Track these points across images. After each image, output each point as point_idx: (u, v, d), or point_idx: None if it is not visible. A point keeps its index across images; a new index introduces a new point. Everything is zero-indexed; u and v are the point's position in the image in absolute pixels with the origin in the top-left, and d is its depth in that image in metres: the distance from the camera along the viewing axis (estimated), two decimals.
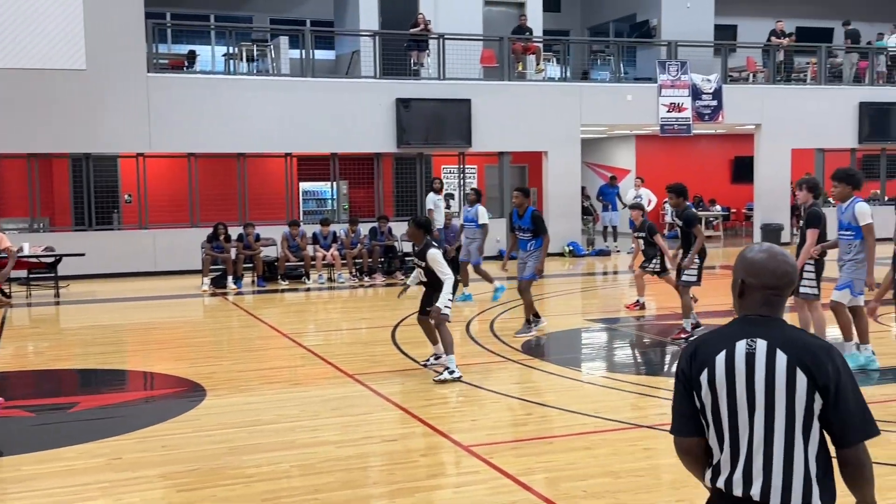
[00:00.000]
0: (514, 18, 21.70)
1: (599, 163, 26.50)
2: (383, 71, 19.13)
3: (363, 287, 16.11)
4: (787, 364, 2.54)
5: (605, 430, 6.62)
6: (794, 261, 2.79)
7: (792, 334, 2.62)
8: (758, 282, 2.67)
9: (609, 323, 11.68)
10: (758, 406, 2.57)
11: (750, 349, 2.59)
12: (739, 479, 2.58)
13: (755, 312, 2.67)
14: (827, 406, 2.53)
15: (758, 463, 2.56)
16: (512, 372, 8.91)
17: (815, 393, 2.52)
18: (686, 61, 21.29)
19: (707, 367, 2.62)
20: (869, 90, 22.71)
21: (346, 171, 19.52)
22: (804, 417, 2.54)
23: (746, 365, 2.58)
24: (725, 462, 2.62)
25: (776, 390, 2.55)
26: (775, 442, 2.55)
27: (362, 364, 9.20)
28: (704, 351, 2.66)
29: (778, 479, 2.54)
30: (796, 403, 2.53)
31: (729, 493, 2.60)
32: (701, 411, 2.66)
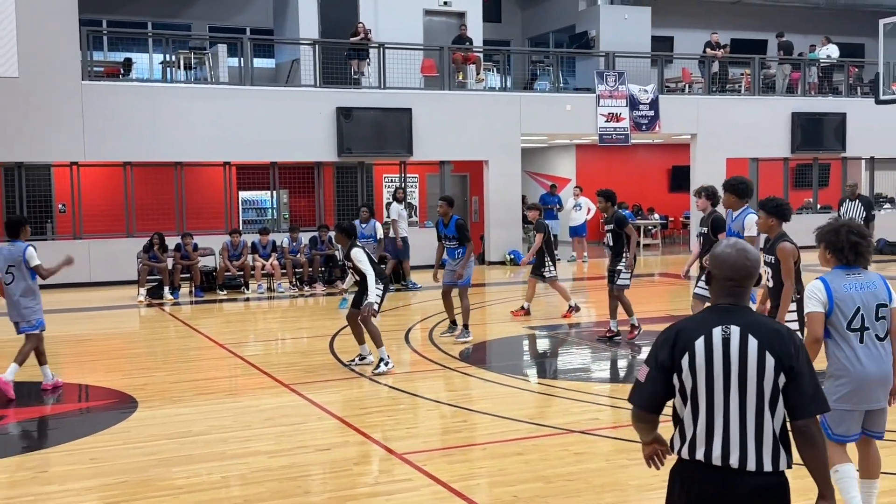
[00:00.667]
0: (454, 28, 21.83)
1: (540, 172, 26.75)
2: (323, 80, 19.08)
3: (303, 296, 16.02)
4: (757, 347, 2.92)
5: (537, 436, 6.69)
6: (757, 256, 3.08)
7: (759, 321, 3.00)
8: (720, 274, 3.05)
9: (547, 330, 11.78)
10: (733, 385, 2.93)
11: (725, 334, 2.95)
12: (718, 451, 2.93)
13: (723, 301, 3.03)
14: (789, 383, 2.92)
15: (734, 435, 2.92)
16: (449, 380, 8.95)
17: (781, 372, 2.92)
18: (624, 72, 21.63)
19: (688, 351, 2.97)
20: (801, 101, 23.30)
21: (286, 180, 19.40)
22: (771, 394, 2.92)
23: (723, 349, 2.94)
24: (701, 436, 2.97)
25: (748, 371, 2.92)
26: (748, 416, 2.92)
27: (299, 374, 9.15)
28: (684, 337, 2.99)
29: (752, 447, 2.91)
30: (765, 382, 2.91)
31: (708, 463, 2.94)
32: (680, 392, 3.00)
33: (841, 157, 23.50)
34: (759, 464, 2.92)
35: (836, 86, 24.31)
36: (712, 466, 2.95)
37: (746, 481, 2.92)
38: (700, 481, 2.98)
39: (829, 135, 23.13)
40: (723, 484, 2.93)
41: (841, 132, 23.13)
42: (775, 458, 2.93)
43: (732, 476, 2.93)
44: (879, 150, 23.59)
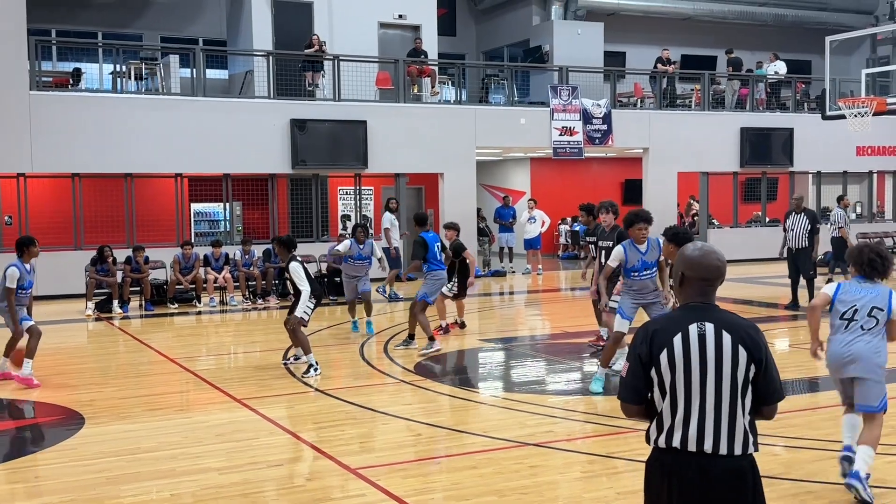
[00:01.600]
0: (409, 41, 21.85)
1: (495, 184, 26.86)
2: (277, 91, 18.97)
3: (256, 310, 15.85)
4: (731, 342, 3.16)
5: (492, 449, 6.67)
6: (724, 259, 3.30)
7: (730, 318, 3.23)
8: (694, 274, 3.27)
9: (503, 343, 11.79)
10: (709, 377, 3.16)
11: (701, 331, 3.18)
12: (694, 437, 3.16)
13: (695, 300, 3.26)
14: (758, 374, 3.18)
15: (709, 423, 3.16)
16: (404, 393, 8.90)
17: (752, 364, 3.17)
18: (577, 86, 21.83)
19: (666, 347, 3.18)
20: (750, 116, 23.73)
21: (239, 192, 19.21)
22: (743, 384, 3.17)
23: (699, 344, 3.16)
24: (679, 425, 3.19)
25: (724, 363, 3.15)
26: (723, 405, 3.15)
27: (252, 388, 9.03)
28: (661, 334, 3.21)
29: (725, 433, 3.15)
30: (739, 373, 3.16)
31: (685, 449, 3.17)
32: (659, 385, 3.21)
33: (789, 172, 23.95)
34: (731, 448, 3.15)
35: (783, 101, 24.81)
36: (688, 452, 3.17)
37: (720, 464, 3.16)
38: (677, 466, 3.20)
39: (777, 149, 23.58)
40: (698, 467, 3.16)
41: (788, 147, 23.59)
42: (745, 442, 3.18)
43: (707, 460, 3.16)
44: (826, 165, 24.10)
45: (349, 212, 20.57)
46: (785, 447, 6.65)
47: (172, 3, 23.30)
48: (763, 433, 6.87)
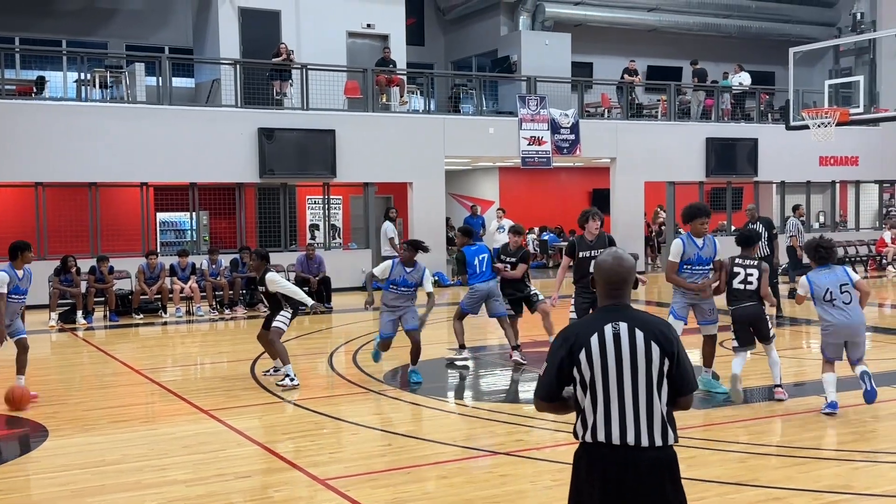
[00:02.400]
0: (377, 51, 21.84)
1: (464, 194, 26.90)
2: (245, 100, 18.85)
3: (224, 320, 15.70)
4: (644, 339, 3.33)
5: (462, 459, 6.65)
6: (631, 263, 3.50)
7: (641, 316, 3.42)
8: (602, 278, 3.49)
9: (473, 352, 11.76)
10: (625, 373, 3.32)
11: (615, 330, 3.35)
12: (617, 431, 3.30)
13: (607, 302, 3.46)
14: (672, 367, 3.35)
15: (630, 416, 3.30)
16: (372, 403, 8.85)
17: (665, 358, 3.34)
18: (545, 96, 21.95)
19: (584, 346, 3.35)
20: (715, 126, 23.98)
21: (206, 201, 19.04)
22: (658, 378, 3.33)
23: (614, 343, 3.33)
24: (601, 420, 3.33)
25: (638, 360, 3.32)
26: (640, 399, 3.31)
27: (219, 399, 8.93)
28: (579, 336, 3.38)
29: (644, 426, 3.30)
30: (653, 368, 3.32)
31: (609, 443, 3.30)
32: (580, 383, 3.37)
33: (753, 181, 24.23)
34: (652, 439, 3.30)
35: (748, 112, 25.12)
36: (613, 445, 3.31)
37: (643, 456, 3.30)
38: (603, 460, 3.33)
39: (741, 159, 23.85)
40: (623, 460, 3.30)
41: (753, 157, 23.87)
42: (664, 433, 3.33)
43: (631, 452, 3.30)
44: (789, 175, 24.42)
45: (317, 221, 20.47)
46: (750, 454, 6.69)
47: (138, 10, 23.11)
48: (727, 439, 6.94)
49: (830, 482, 5.91)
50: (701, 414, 7.87)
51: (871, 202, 26.66)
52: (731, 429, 7.41)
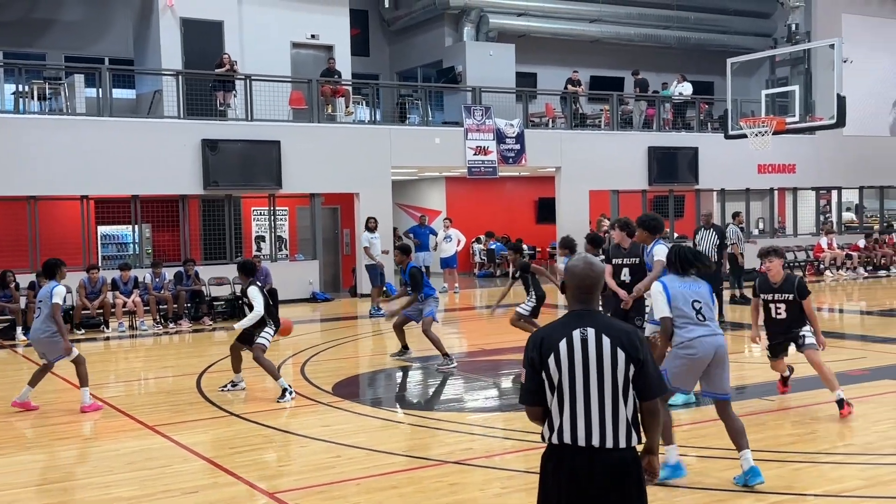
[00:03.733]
0: (322, 61, 21.78)
1: (411, 204, 26.92)
2: (188, 111, 18.64)
3: (168, 334, 15.47)
4: (610, 345, 3.46)
5: (412, 469, 6.65)
6: (601, 269, 3.64)
7: (609, 322, 3.56)
8: (572, 283, 3.61)
9: (422, 362, 11.77)
10: (592, 377, 3.44)
11: (583, 336, 3.47)
12: (582, 432, 3.43)
13: (577, 307, 3.58)
14: (637, 373, 3.47)
15: (595, 419, 3.44)
16: (322, 414, 8.80)
17: (631, 364, 3.46)
18: (490, 106, 22.10)
19: (553, 351, 3.47)
20: (656, 135, 24.38)
21: (149, 214, 18.74)
22: (623, 383, 3.46)
23: (582, 348, 3.46)
24: (567, 422, 3.45)
25: (604, 364, 3.44)
26: (606, 403, 3.44)
27: (164, 414, 8.80)
28: (549, 340, 3.50)
29: (609, 429, 3.43)
30: (619, 373, 3.45)
31: (575, 445, 3.44)
32: (549, 386, 3.49)
33: (694, 189, 24.68)
34: (616, 441, 3.44)
35: (688, 121, 25.59)
36: (578, 447, 3.44)
37: (607, 457, 3.44)
38: (569, 460, 3.46)
39: (683, 168, 24.27)
40: (588, 461, 3.43)
41: (694, 165, 24.31)
42: (628, 436, 3.47)
43: (596, 453, 3.44)
44: (729, 183, 24.92)
45: (263, 233, 20.31)
46: (697, 457, 6.81)
47: (77, 21, 22.73)
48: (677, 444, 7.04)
49: (772, 483, 6.04)
50: None
51: (809, 209, 27.33)
52: (676, 432, 7.52)
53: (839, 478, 6.22)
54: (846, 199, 28.57)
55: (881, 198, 28.50)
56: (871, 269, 23.64)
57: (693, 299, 6.05)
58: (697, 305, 6.04)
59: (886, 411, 8.22)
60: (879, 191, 28.38)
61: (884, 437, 7.28)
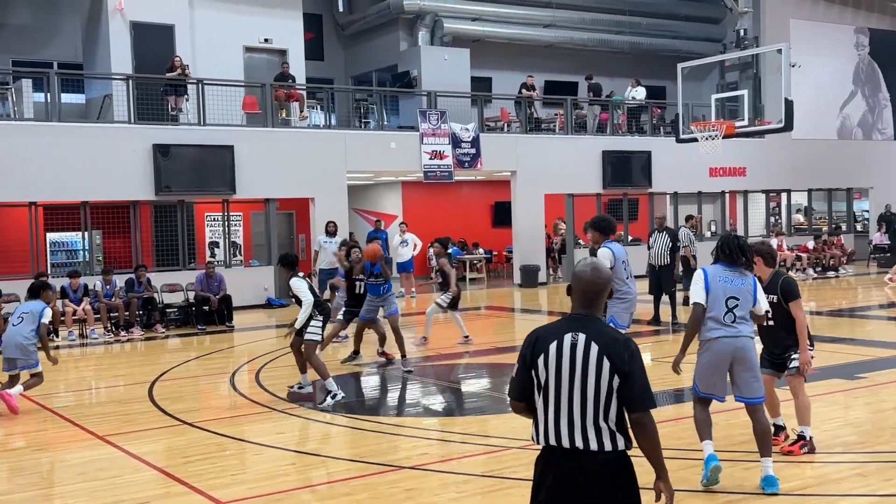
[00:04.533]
0: (276, 65, 21.63)
1: (367, 209, 26.84)
2: (138, 116, 18.38)
3: (119, 342, 15.22)
4: (597, 352, 3.47)
5: (367, 475, 6.61)
6: (608, 275, 3.68)
7: (602, 330, 3.56)
8: (576, 287, 3.64)
9: (377, 367, 11.73)
10: (576, 382, 3.48)
11: (574, 340, 3.51)
12: (565, 434, 3.47)
13: (578, 311, 3.61)
14: (622, 384, 3.45)
15: (577, 422, 3.47)
16: (277, 422, 8.72)
17: (615, 374, 3.45)
18: (445, 111, 22.12)
19: (543, 352, 3.53)
20: (610, 139, 24.62)
21: (99, 220, 18.44)
22: (606, 391, 3.46)
23: (570, 352, 3.50)
24: (552, 423, 3.50)
25: (589, 371, 3.46)
26: (588, 407, 3.46)
27: (115, 424, 8.65)
28: (542, 340, 3.57)
29: (592, 432, 3.45)
30: (602, 380, 3.46)
31: (558, 445, 3.48)
32: (537, 385, 3.55)
33: (648, 193, 24.96)
34: (600, 444, 3.45)
35: (642, 126, 25.88)
36: (563, 448, 3.48)
37: (591, 459, 3.46)
38: (554, 461, 3.51)
39: (636, 172, 24.53)
40: (573, 462, 3.47)
41: (647, 169, 24.59)
42: (613, 440, 3.46)
43: (579, 455, 3.46)
44: (682, 186, 25.25)
45: (217, 239, 20.10)
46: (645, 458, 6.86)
47: (24, 25, 22.27)
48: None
49: (724, 483, 6.10)
50: None
51: (759, 211, 27.80)
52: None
53: (790, 476, 6.31)
54: (795, 202, 29.12)
55: (829, 200, 29.10)
56: (820, 269, 24.09)
57: (730, 295, 5.93)
58: (733, 303, 5.91)
59: (835, 410, 8.37)
60: (827, 193, 28.98)
61: (833, 435, 7.41)
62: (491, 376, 11.14)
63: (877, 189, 29.18)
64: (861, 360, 10.89)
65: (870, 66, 29.97)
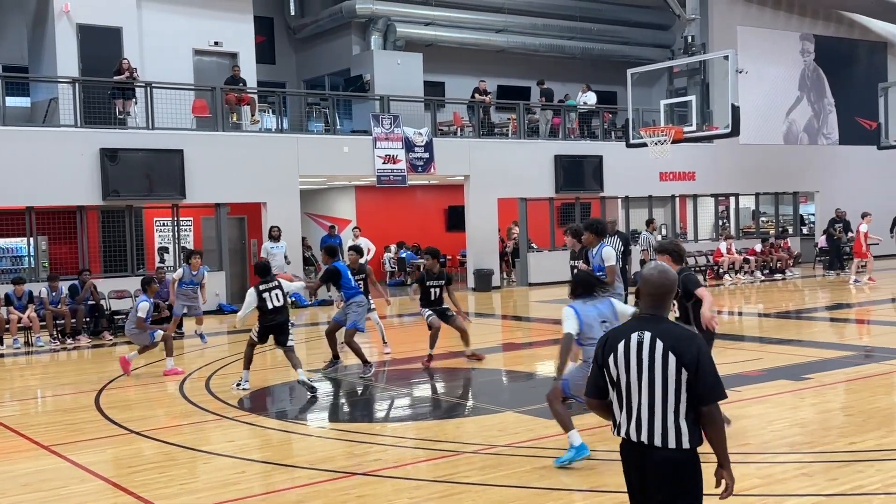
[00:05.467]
0: (226, 69, 21.41)
1: (320, 213, 26.69)
2: (85, 119, 18.04)
3: (66, 350, 14.92)
4: (662, 349, 3.68)
5: (318, 482, 6.56)
6: (674, 277, 3.91)
7: (668, 328, 3.76)
8: (644, 289, 3.86)
9: (330, 373, 11.65)
10: (644, 378, 3.69)
11: (640, 339, 3.73)
12: (634, 429, 3.71)
13: (647, 312, 3.83)
14: (691, 377, 3.64)
15: (645, 417, 3.69)
16: (227, 429, 8.61)
17: (683, 368, 3.64)
18: (398, 115, 22.09)
19: (613, 351, 3.78)
20: (562, 144, 24.79)
21: (44, 226, 18.07)
22: (675, 385, 3.66)
23: (637, 350, 3.72)
24: (624, 419, 3.77)
25: (656, 368, 3.68)
26: (656, 403, 3.67)
27: (60, 433, 8.48)
28: (612, 341, 3.81)
29: (659, 428, 3.66)
30: (669, 376, 3.66)
31: (629, 440, 3.74)
32: (611, 383, 3.81)
33: (600, 197, 25.18)
34: (665, 441, 3.65)
35: (593, 130, 26.11)
36: (632, 442, 3.73)
37: (656, 454, 3.67)
38: (627, 454, 3.80)
39: (588, 176, 24.73)
40: (640, 456, 3.72)
41: (599, 173, 24.80)
42: (678, 436, 3.65)
43: (645, 449, 3.69)
44: (632, 190, 25.52)
45: (167, 244, 19.82)
46: (603, 461, 6.91)
47: None
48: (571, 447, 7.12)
49: None
50: (552, 424, 8.07)
51: (708, 215, 28.22)
52: (584, 436, 7.62)
53: (737, 477, 6.39)
54: (743, 205, 29.61)
55: (776, 203, 29.65)
56: (767, 272, 24.51)
57: (602, 320, 6.71)
58: (606, 326, 6.57)
59: (782, 411, 8.51)
60: (774, 197, 29.51)
61: (779, 436, 7.53)
62: (445, 381, 11.13)
63: (822, 193, 29.81)
64: (807, 362, 11.08)
65: (815, 72, 30.61)
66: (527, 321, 17.28)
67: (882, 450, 7.00)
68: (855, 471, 6.45)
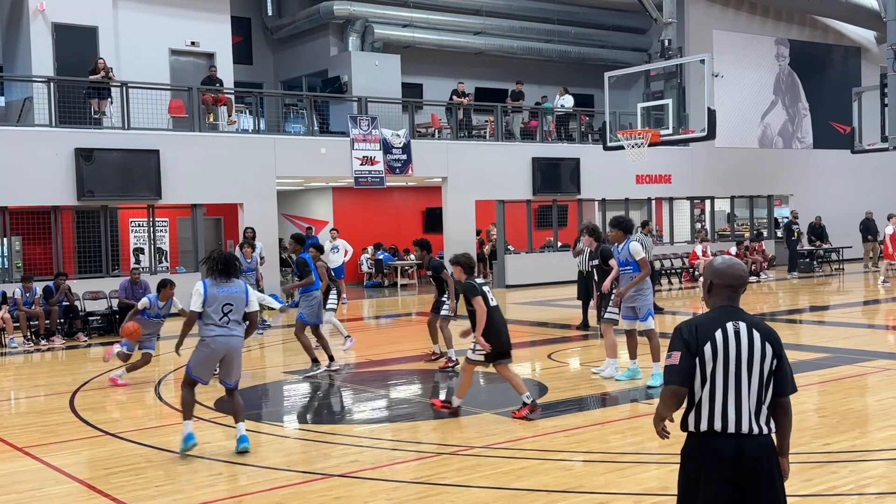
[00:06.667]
0: (203, 69, 21.31)
1: (297, 214, 26.61)
2: (60, 119, 17.89)
3: (40, 351, 14.78)
4: (760, 338, 3.78)
5: (296, 483, 6.54)
6: (745, 268, 3.96)
7: (755, 319, 3.87)
8: (721, 282, 3.90)
9: (308, 375, 11.62)
10: (743, 368, 3.75)
11: (736, 328, 3.78)
12: (732, 419, 3.72)
13: (724, 304, 3.87)
14: (777, 368, 3.80)
15: (745, 407, 3.74)
16: (203, 431, 8.54)
17: (775, 358, 3.79)
18: (376, 117, 22.08)
19: (709, 340, 3.76)
20: (540, 146, 24.89)
21: (18, 226, 17.89)
22: (767, 375, 3.78)
23: (735, 339, 3.76)
24: (718, 408, 3.74)
25: (755, 357, 3.76)
26: (752, 392, 3.75)
27: (34, 435, 8.40)
28: (703, 330, 3.79)
29: (754, 416, 3.74)
30: (765, 366, 3.77)
31: (724, 431, 3.72)
32: (701, 373, 3.77)
33: (577, 199, 25.29)
34: (760, 428, 3.76)
35: (571, 133, 26.22)
36: (728, 434, 3.72)
37: (753, 442, 3.74)
38: (716, 446, 3.73)
39: (565, 178, 24.84)
40: (736, 446, 3.72)
41: (576, 176, 24.92)
42: (767, 423, 3.80)
43: (743, 439, 3.73)
44: (609, 193, 25.66)
45: (142, 245, 19.68)
46: (576, 462, 6.95)
47: None
48: (554, 448, 7.19)
49: (651, 485, 6.22)
50: (530, 425, 8.11)
51: (684, 217, 28.41)
52: (557, 437, 7.67)
53: None
54: (719, 208, 29.84)
55: (751, 206, 29.91)
56: None
57: (225, 303, 7.26)
58: (227, 309, 7.25)
59: None
60: (749, 200, 29.77)
61: None
62: (422, 382, 11.14)
63: (797, 196, 30.12)
64: None
65: (790, 76, 30.93)
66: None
67: (856, 451, 7.09)
68: (829, 471, 6.53)
